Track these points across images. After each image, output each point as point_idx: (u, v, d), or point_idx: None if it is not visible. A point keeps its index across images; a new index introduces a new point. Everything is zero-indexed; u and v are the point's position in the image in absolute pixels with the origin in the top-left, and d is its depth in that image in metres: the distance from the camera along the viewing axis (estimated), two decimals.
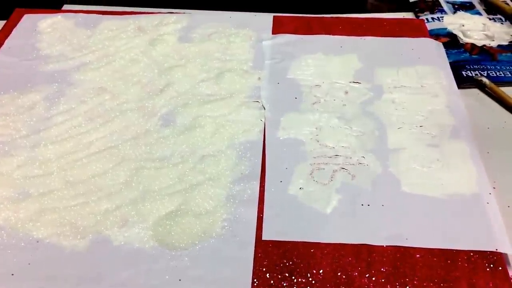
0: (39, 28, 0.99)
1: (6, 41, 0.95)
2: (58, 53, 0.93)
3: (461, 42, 0.96)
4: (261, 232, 0.64)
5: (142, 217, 0.66)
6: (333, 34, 0.96)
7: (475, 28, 0.99)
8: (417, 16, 1.04)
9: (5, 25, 0.99)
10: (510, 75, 0.88)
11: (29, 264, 0.61)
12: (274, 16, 1.01)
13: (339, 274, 0.60)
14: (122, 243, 0.63)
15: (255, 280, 0.60)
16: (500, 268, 0.61)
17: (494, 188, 0.70)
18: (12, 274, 0.60)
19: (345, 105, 0.82)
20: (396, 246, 0.63)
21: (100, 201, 0.68)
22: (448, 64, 0.89)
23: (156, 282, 0.59)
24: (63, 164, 0.73)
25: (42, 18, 1.01)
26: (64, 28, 0.99)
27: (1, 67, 0.89)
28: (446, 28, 0.99)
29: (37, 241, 0.63)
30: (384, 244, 0.63)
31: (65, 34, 0.97)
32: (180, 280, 0.60)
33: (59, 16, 1.01)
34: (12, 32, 0.97)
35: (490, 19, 1.02)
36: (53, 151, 0.75)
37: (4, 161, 0.73)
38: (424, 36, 0.96)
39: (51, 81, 0.87)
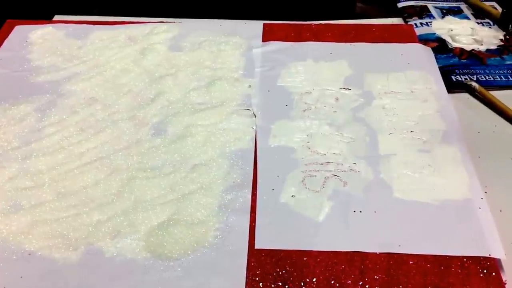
0: (30, 39, 0.99)
1: None
2: (49, 64, 0.93)
3: (450, 47, 0.96)
4: (254, 240, 0.64)
5: (134, 227, 0.66)
6: (322, 41, 0.97)
7: (464, 33, 0.99)
8: (406, 22, 1.04)
9: None
10: (499, 79, 0.89)
11: (21, 277, 0.61)
12: (264, 24, 1.02)
13: (332, 282, 0.60)
14: (115, 254, 0.63)
15: None
16: (493, 273, 0.61)
17: (485, 192, 0.70)
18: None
19: (335, 111, 0.82)
20: (389, 253, 0.63)
21: (92, 212, 0.68)
22: (438, 69, 0.90)
23: None
24: (54, 175, 0.73)
25: (33, 29, 1.01)
26: (55, 39, 0.99)
27: None
28: (434, 33, 1.00)
29: (29, 254, 0.63)
30: (377, 251, 0.63)
31: (56, 45, 0.97)
32: None
33: (50, 27, 1.02)
34: (3, 43, 0.98)
35: (478, 23, 1.03)
36: (45, 162, 0.74)
37: None
38: (413, 42, 0.96)
39: (42, 92, 0.87)
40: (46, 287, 0.60)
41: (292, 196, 0.70)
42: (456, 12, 1.06)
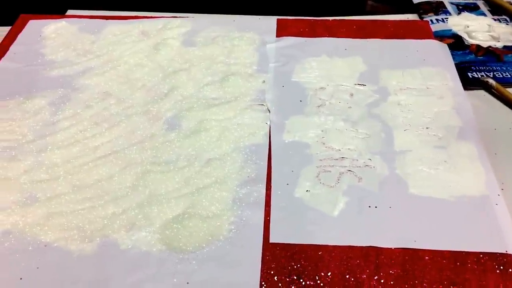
0: (44, 34, 0.99)
1: (11, 47, 0.95)
2: (63, 58, 0.93)
3: (466, 43, 0.95)
4: (268, 235, 0.64)
5: (149, 220, 0.66)
6: (337, 37, 0.96)
7: (480, 29, 0.98)
8: (421, 18, 1.04)
9: (10, 31, 0.99)
10: None
11: (37, 268, 0.61)
12: (277, 19, 1.01)
13: (347, 276, 0.60)
14: (130, 246, 0.63)
15: (263, 283, 0.60)
16: (510, 270, 0.60)
17: (502, 189, 0.69)
18: (21, 278, 0.60)
19: (350, 107, 0.81)
20: (404, 248, 0.63)
21: (107, 205, 0.68)
22: (454, 66, 0.89)
23: (164, 286, 0.59)
24: (69, 168, 0.73)
25: (46, 23, 1.01)
26: (69, 34, 0.99)
27: (6, 73, 0.89)
28: (450, 30, 0.99)
29: (45, 245, 0.63)
30: (393, 246, 0.63)
31: (70, 40, 0.97)
32: (188, 283, 0.59)
33: (63, 22, 1.01)
34: (17, 38, 0.97)
35: (495, 20, 1.02)
36: (60, 155, 0.75)
37: (11, 165, 0.73)
38: (429, 38, 0.95)
39: (56, 86, 0.87)
40: (61, 278, 0.60)
41: (306, 191, 0.69)
42: (472, 9, 1.05)
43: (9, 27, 1.00)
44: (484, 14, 1.04)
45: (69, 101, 0.84)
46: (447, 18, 1.02)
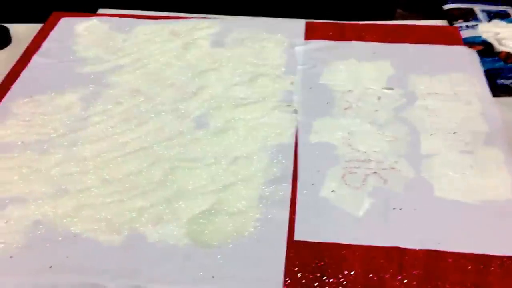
0: (76, 31, 1.01)
1: (44, 43, 0.97)
2: (94, 55, 0.95)
3: (496, 50, 0.95)
4: (293, 232, 0.65)
5: (176, 215, 0.67)
6: (366, 41, 0.96)
7: (511, 37, 0.98)
8: (451, 24, 1.03)
9: (42, 28, 1.02)
10: None
11: (67, 257, 0.63)
12: (306, 22, 1.02)
13: (370, 275, 0.61)
14: (157, 240, 0.64)
15: (287, 279, 0.60)
16: None
17: None
18: (51, 267, 0.62)
19: (377, 110, 0.82)
20: (428, 249, 0.63)
21: (135, 199, 0.69)
22: (482, 72, 0.88)
23: (190, 279, 0.60)
24: (99, 162, 0.74)
25: (78, 21, 1.03)
26: (100, 32, 1.01)
27: (39, 69, 0.91)
28: (480, 36, 0.98)
29: (75, 236, 0.65)
30: (416, 247, 0.63)
31: (101, 38, 0.99)
32: (213, 277, 0.60)
33: (95, 20, 1.03)
34: (50, 34, 1.00)
35: None
36: (90, 150, 0.76)
37: (42, 158, 0.75)
38: (458, 44, 0.95)
39: (87, 82, 0.88)
40: (90, 267, 0.62)
41: (332, 191, 0.70)
42: (503, 16, 1.04)
43: (41, 24, 1.03)
44: None
45: (100, 97, 0.86)
46: (477, 25, 1.01)
